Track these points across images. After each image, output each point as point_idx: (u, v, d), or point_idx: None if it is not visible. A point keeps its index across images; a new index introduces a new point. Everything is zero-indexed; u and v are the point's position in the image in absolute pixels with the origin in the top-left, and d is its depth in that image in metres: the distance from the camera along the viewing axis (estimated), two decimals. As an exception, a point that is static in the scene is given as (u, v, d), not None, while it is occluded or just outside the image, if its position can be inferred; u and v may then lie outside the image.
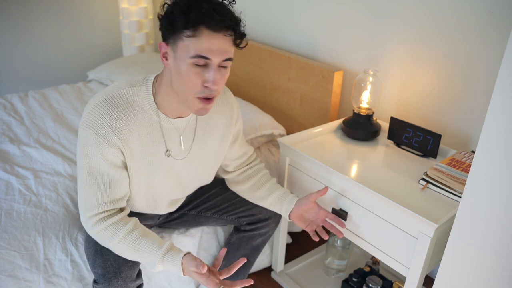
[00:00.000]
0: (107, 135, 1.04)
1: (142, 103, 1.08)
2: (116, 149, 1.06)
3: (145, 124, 1.09)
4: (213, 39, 0.96)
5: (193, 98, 1.02)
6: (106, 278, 1.13)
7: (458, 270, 0.97)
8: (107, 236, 1.10)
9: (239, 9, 1.10)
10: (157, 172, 1.18)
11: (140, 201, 1.24)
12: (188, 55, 0.96)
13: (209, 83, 0.99)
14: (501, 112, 0.79)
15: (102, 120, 1.03)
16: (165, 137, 1.14)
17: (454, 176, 1.26)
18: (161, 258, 1.10)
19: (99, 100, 1.05)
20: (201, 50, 0.96)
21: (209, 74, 0.99)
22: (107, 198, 1.10)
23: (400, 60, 1.61)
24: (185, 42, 0.96)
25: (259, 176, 1.38)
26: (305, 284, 1.71)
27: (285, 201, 1.32)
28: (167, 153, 1.16)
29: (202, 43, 0.95)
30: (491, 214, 0.86)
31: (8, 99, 2.18)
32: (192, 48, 0.96)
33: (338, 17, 1.78)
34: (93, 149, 1.05)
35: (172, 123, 1.13)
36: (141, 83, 1.10)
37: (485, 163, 0.84)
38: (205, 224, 1.49)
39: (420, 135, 1.45)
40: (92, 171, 1.07)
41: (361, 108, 1.58)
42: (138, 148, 1.11)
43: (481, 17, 1.33)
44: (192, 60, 0.97)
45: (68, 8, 2.76)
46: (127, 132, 1.06)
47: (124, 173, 1.12)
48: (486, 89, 1.39)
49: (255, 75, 2.19)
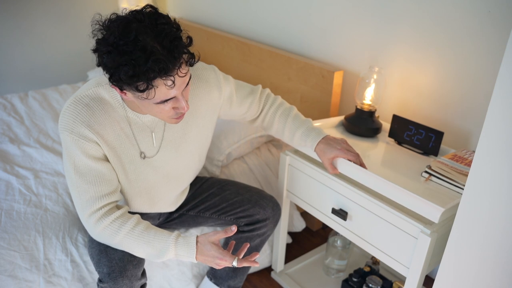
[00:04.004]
0: (81, 132, 1.06)
1: (109, 100, 1.11)
2: (94, 143, 1.09)
3: (117, 119, 1.12)
4: (169, 81, 0.94)
5: (168, 118, 1.05)
6: (111, 277, 1.13)
7: (458, 270, 0.97)
8: (112, 230, 1.11)
9: (239, 8, 1.09)
10: (142, 170, 1.20)
11: (136, 199, 1.25)
12: (153, 102, 0.97)
13: (180, 109, 1.03)
14: (501, 112, 0.79)
15: (74, 119, 1.07)
16: (136, 136, 1.16)
17: (457, 169, 1.25)
18: (174, 242, 1.11)
19: (70, 103, 1.09)
20: (165, 96, 0.97)
21: (180, 104, 1.01)
22: (101, 192, 1.11)
23: (400, 59, 1.61)
24: (145, 94, 0.94)
25: (277, 120, 1.37)
26: (305, 284, 1.71)
27: (306, 144, 1.32)
28: (142, 155, 1.18)
29: (163, 91, 0.95)
30: (491, 214, 0.86)
31: (8, 99, 2.18)
32: (155, 97, 0.95)
33: (338, 17, 1.78)
34: (73, 148, 1.08)
35: (141, 119, 1.15)
36: (107, 81, 1.09)
37: (485, 163, 0.84)
38: (204, 224, 1.49)
39: (422, 132, 1.44)
40: (78, 169, 1.09)
41: (364, 104, 1.58)
42: (116, 143, 1.13)
43: (481, 17, 1.34)
44: (158, 103, 0.98)
45: (68, 8, 2.76)
46: (100, 127, 1.09)
47: (109, 165, 1.14)
48: (487, 88, 1.39)
49: (255, 75, 2.19)
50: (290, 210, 1.86)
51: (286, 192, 1.58)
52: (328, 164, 1.27)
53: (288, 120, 1.35)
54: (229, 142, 1.75)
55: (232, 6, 2.32)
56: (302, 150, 1.40)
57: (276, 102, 1.39)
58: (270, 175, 1.81)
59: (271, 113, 1.37)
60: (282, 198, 1.59)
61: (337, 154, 1.25)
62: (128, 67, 0.88)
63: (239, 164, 1.81)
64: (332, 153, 1.26)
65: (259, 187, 1.76)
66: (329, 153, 1.26)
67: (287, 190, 1.57)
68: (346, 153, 1.25)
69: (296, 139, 1.34)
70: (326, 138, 1.29)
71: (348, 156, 1.24)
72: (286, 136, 1.37)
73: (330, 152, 1.26)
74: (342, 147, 1.26)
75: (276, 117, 1.36)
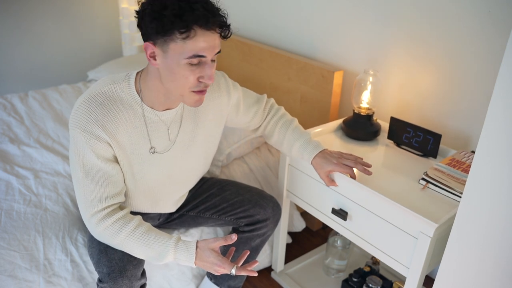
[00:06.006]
0: (94, 131, 1.06)
1: (125, 99, 1.11)
2: (105, 143, 1.08)
3: (131, 119, 1.11)
4: (207, 37, 0.98)
5: (188, 92, 1.05)
6: (111, 277, 1.13)
7: (458, 270, 0.97)
8: (113, 231, 1.11)
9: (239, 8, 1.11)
10: (149, 168, 1.19)
11: (139, 198, 1.25)
12: (183, 56, 0.99)
13: (205, 78, 1.03)
14: (501, 112, 0.78)
15: (87, 117, 1.06)
16: (150, 132, 1.15)
17: (454, 176, 1.26)
18: (173, 246, 1.12)
19: (83, 99, 1.08)
20: (197, 50, 0.98)
21: (206, 71, 1.02)
22: (106, 194, 1.11)
23: (400, 60, 1.61)
24: (179, 44, 0.98)
25: (278, 130, 1.39)
26: (305, 284, 1.71)
27: (303, 157, 1.34)
28: (151, 150, 1.17)
29: (197, 43, 0.98)
30: (491, 214, 0.86)
31: (8, 99, 2.18)
32: (187, 49, 0.98)
33: (338, 17, 1.78)
34: (83, 147, 1.07)
35: (158, 116, 1.15)
36: (123, 79, 1.12)
37: (485, 163, 0.84)
38: (204, 224, 1.49)
39: (420, 135, 1.45)
40: (86, 168, 1.09)
41: (361, 108, 1.58)
42: (127, 143, 1.13)
43: (481, 17, 1.33)
44: (187, 60, 0.99)
45: (68, 8, 2.76)
46: (113, 127, 1.08)
47: (117, 166, 1.14)
48: (486, 89, 1.39)
49: (255, 75, 2.19)
50: (290, 210, 1.86)
51: (286, 192, 1.58)
52: (325, 177, 1.30)
53: (288, 131, 1.37)
54: (229, 142, 1.75)
55: (232, 6, 2.31)
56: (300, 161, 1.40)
57: (279, 113, 1.41)
58: (270, 175, 1.81)
59: (272, 123, 1.40)
60: (282, 198, 1.59)
61: (333, 168, 1.27)
62: (174, 5, 0.94)
63: (239, 164, 1.81)
64: (329, 167, 1.28)
65: (259, 187, 1.76)
66: (326, 167, 1.28)
67: (287, 190, 1.57)
68: (343, 167, 1.27)
69: (294, 151, 1.36)
70: (323, 152, 1.31)
71: (344, 170, 1.27)
72: (285, 147, 1.39)
73: (326, 166, 1.28)
74: (338, 162, 1.28)
75: (277, 128, 1.39)
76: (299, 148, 1.34)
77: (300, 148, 1.34)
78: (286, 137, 1.37)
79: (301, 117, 1.96)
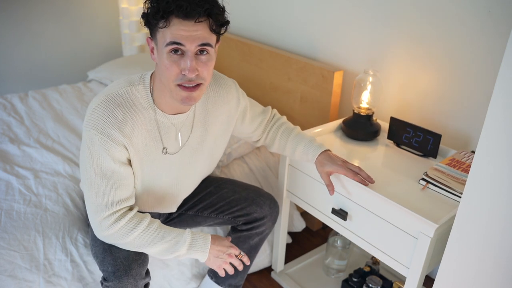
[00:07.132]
0: (111, 133, 1.05)
1: (140, 101, 1.11)
2: (121, 146, 1.08)
3: (145, 122, 1.12)
4: (183, 26, 0.98)
5: (174, 86, 1.04)
6: (116, 275, 1.13)
7: (458, 270, 0.97)
8: (126, 231, 1.11)
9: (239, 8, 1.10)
10: (158, 170, 1.20)
11: (143, 198, 1.25)
12: (163, 44, 1.00)
13: (185, 70, 1.01)
14: (501, 112, 0.78)
15: (105, 119, 1.05)
16: (162, 135, 1.16)
17: (454, 176, 1.26)
18: (190, 234, 1.17)
19: (101, 100, 1.07)
20: (173, 37, 0.99)
21: (185, 61, 1.01)
22: (119, 197, 1.11)
23: (400, 60, 1.61)
24: (160, 33, 1.00)
25: (279, 137, 1.39)
26: (305, 284, 1.71)
27: (307, 156, 1.34)
28: (164, 151, 1.18)
29: (173, 30, 0.98)
30: (491, 214, 0.86)
31: (8, 99, 2.18)
32: (166, 36, 0.99)
33: (338, 17, 1.78)
34: (99, 149, 1.06)
35: (169, 120, 1.15)
36: (139, 81, 1.12)
37: (485, 163, 0.84)
38: (203, 223, 1.49)
39: (420, 135, 1.45)
40: (100, 171, 1.08)
41: (361, 108, 1.58)
42: (141, 146, 1.13)
43: (481, 17, 1.33)
44: (168, 48, 1.00)
45: (68, 8, 2.76)
46: (130, 129, 1.08)
47: (130, 169, 1.14)
48: (486, 89, 1.39)
49: (255, 75, 2.19)
50: (290, 210, 1.86)
51: (286, 192, 1.58)
52: (325, 177, 1.28)
53: (291, 136, 1.37)
54: (229, 142, 1.75)
55: (232, 6, 2.31)
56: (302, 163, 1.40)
57: (280, 120, 1.42)
58: (270, 175, 1.81)
59: (274, 129, 1.40)
60: (282, 198, 1.59)
61: (336, 169, 1.25)
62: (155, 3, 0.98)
63: (239, 164, 1.81)
64: (332, 167, 1.26)
65: (259, 187, 1.76)
66: (328, 166, 1.27)
67: (287, 190, 1.57)
68: (347, 170, 1.25)
69: (298, 152, 1.35)
70: (328, 152, 1.31)
71: (348, 174, 1.25)
72: (287, 150, 1.38)
73: (330, 165, 1.26)
74: (343, 164, 1.26)
75: (278, 133, 1.39)
76: (304, 148, 1.33)
77: (305, 147, 1.33)
78: (289, 140, 1.37)
79: (301, 117, 1.96)
